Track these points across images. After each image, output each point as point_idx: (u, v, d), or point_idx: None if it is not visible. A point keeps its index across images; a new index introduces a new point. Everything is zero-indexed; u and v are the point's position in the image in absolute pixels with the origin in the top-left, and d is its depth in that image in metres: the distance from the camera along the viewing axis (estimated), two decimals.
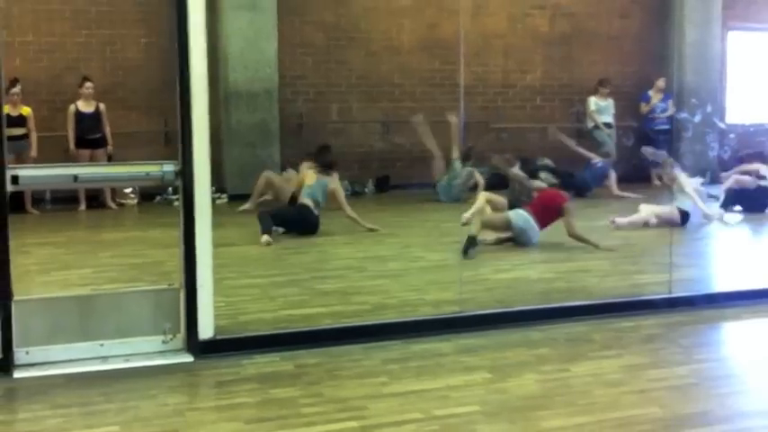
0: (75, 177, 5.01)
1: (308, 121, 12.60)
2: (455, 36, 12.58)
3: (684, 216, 9.41)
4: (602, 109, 13.27)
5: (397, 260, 7.74)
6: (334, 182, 9.33)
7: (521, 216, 8.26)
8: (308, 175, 9.27)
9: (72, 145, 10.83)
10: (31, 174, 5.02)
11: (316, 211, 8.95)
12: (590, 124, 13.25)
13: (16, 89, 10.46)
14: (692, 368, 4.76)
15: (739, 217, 9.99)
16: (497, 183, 10.52)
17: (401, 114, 12.89)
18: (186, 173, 4.77)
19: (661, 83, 13.52)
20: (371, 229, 8.91)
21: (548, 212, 8.31)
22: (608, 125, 13.23)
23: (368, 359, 4.81)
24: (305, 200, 8.99)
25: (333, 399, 4.21)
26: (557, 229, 8.31)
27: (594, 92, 13.35)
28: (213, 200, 5.01)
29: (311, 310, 5.84)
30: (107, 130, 11.03)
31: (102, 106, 11.03)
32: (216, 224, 4.90)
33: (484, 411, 4.05)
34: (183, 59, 4.70)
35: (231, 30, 11.74)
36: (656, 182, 12.23)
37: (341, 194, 9.25)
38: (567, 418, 3.97)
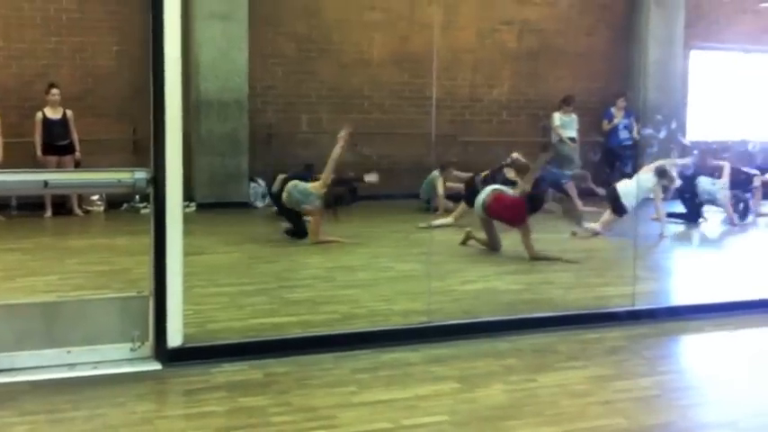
0: (46, 183, 4.98)
1: (278, 132, 12.61)
2: (425, 50, 12.66)
3: (619, 206, 9.82)
4: (565, 124, 13.46)
5: (366, 270, 7.77)
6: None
7: (486, 193, 8.75)
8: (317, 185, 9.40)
9: (39, 151, 10.76)
10: (1, 179, 5.00)
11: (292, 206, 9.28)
12: (555, 138, 13.45)
13: None
14: (655, 380, 4.84)
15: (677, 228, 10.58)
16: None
17: (370, 126, 12.96)
18: (158, 180, 4.77)
19: (621, 102, 13.78)
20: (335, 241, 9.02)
21: (504, 214, 8.62)
22: (572, 139, 13.43)
23: (337, 368, 4.83)
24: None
25: (302, 408, 4.22)
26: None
27: (559, 108, 13.54)
28: None
29: (280, 319, 5.85)
30: (74, 136, 10.98)
31: (69, 113, 10.97)
32: (184, 232, 4.88)
33: (452, 421, 4.09)
34: (158, 67, 4.71)
35: (203, 39, 11.74)
36: None
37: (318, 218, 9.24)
38: (534, 428, 4.02)
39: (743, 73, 15.44)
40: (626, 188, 9.97)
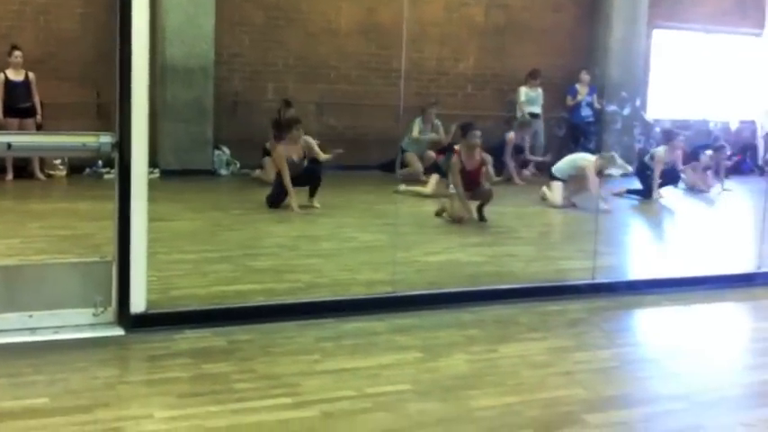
0: (9, 145, 4.90)
1: (243, 100, 12.54)
2: (392, 22, 12.66)
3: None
4: (531, 99, 13.56)
5: (330, 240, 7.79)
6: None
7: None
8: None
9: (0, 114, 10.61)
10: None
11: None
12: (519, 113, 13.53)
13: None
14: (613, 352, 4.93)
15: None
16: None
17: (336, 96, 12.94)
18: (123, 145, 4.72)
19: (585, 76, 13.88)
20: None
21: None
22: (535, 115, 13.51)
23: (301, 337, 4.84)
24: None
25: (266, 375, 4.23)
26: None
27: (525, 82, 13.61)
28: None
29: (244, 287, 5.85)
30: (37, 99, 10.84)
31: (31, 75, 10.83)
32: (148, 199, 4.83)
33: (415, 390, 4.12)
34: (125, 31, 4.63)
35: (170, 4, 11.58)
36: None
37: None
38: (496, 397, 4.07)
39: (704, 53, 15.62)
40: (561, 162, 10.58)
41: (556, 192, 10.24)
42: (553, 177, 10.42)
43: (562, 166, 10.50)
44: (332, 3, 13.06)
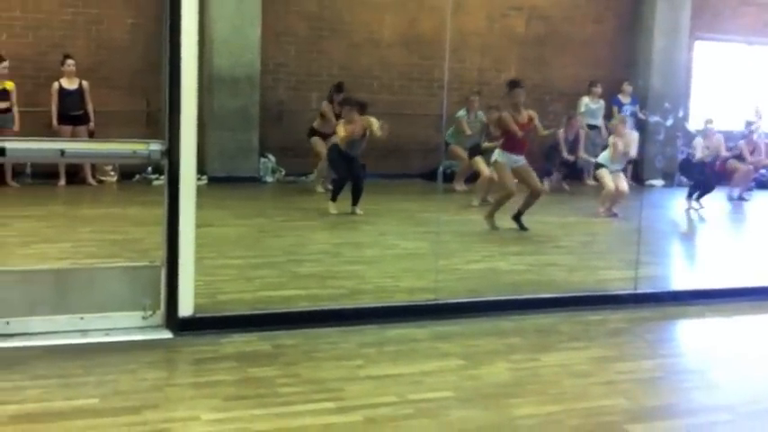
0: (63, 152, 5.02)
1: (288, 109, 12.68)
2: (434, 32, 12.71)
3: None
4: (592, 111, 13.46)
5: (372, 247, 7.86)
6: None
7: None
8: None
9: (54, 121, 10.88)
10: (18, 147, 5.05)
11: None
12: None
13: (4, 64, 10.52)
14: (656, 362, 4.91)
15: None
16: None
17: (379, 106, 12.99)
18: (173, 153, 4.81)
19: (627, 86, 13.82)
20: None
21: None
22: (592, 127, 13.41)
23: (344, 342, 4.88)
24: None
25: (310, 380, 4.27)
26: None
27: (588, 92, 13.55)
28: None
29: (288, 293, 5.92)
30: (89, 107, 11.08)
31: (84, 84, 11.07)
32: (195, 205, 4.90)
33: (457, 397, 4.14)
34: (175, 39, 4.72)
35: (217, 14, 11.77)
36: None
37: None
38: (537, 406, 4.07)
39: (746, 64, 15.46)
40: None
41: (606, 177, 10.24)
42: (598, 166, 10.55)
43: (603, 153, 10.68)
44: (375, 14, 13.16)
